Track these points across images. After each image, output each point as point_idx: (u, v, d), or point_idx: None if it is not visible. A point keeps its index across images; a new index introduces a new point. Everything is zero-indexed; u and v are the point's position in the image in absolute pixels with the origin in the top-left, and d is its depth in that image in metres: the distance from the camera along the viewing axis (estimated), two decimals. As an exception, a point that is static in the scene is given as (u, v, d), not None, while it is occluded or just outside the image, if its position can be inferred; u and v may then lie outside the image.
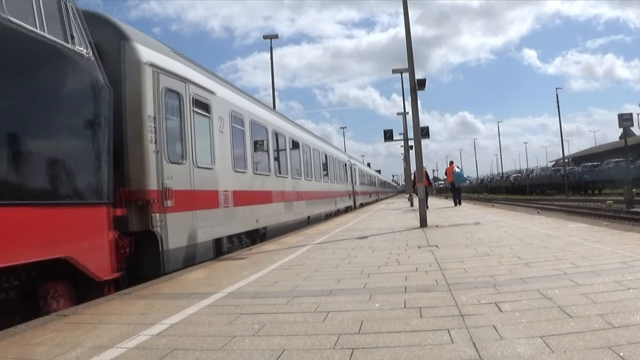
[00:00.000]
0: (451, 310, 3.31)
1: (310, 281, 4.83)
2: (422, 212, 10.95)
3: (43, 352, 2.91)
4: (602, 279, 3.90)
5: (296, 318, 3.41)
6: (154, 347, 2.89)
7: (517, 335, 2.66)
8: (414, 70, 11.18)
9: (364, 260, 6.08)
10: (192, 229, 6.85)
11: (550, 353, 2.36)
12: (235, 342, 2.92)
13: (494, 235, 7.89)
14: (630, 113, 32.00)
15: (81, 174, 4.71)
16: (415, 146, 11.86)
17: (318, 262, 6.12)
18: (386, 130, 23.48)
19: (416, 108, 11.31)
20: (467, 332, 2.80)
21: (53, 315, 3.97)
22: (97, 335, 3.21)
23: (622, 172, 33.23)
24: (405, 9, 11.11)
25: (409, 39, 11.02)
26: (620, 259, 4.73)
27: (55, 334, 3.32)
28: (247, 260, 6.80)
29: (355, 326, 3.08)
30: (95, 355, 2.79)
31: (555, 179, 50.45)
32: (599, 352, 2.31)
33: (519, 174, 69.12)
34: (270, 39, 23.96)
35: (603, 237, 6.56)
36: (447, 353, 2.49)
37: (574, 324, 2.79)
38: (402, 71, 24.22)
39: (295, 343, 2.83)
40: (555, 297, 3.41)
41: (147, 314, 3.79)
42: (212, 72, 9.03)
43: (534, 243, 6.50)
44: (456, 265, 5.13)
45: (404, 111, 27.07)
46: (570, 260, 4.92)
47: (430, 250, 6.50)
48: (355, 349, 2.65)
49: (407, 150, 27.42)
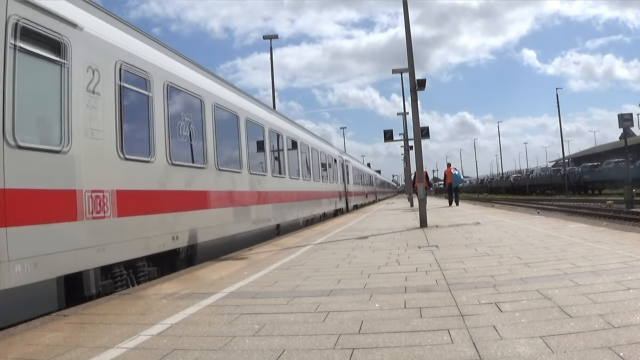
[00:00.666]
0: (451, 311, 3.31)
1: (311, 281, 4.83)
2: (422, 212, 10.95)
3: (43, 352, 2.91)
4: (602, 279, 3.90)
5: (296, 318, 3.41)
6: (154, 347, 2.89)
7: (517, 336, 2.66)
8: (414, 71, 11.19)
9: (364, 260, 6.07)
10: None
11: (550, 353, 2.36)
12: (235, 342, 2.92)
13: (494, 236, 7.89)
14: (630, 113, 31.97)
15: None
16: (415, 146, 11.85)
17: (318, 262, 6.12)
18: (386, 131, 23.46)
19: (416, 108, 11.32)
20: (467, 332, 2.80)
21: (53, 315, 3.97)
22: (97, 335, 3.21)
23: (622, 172, 33.21)
24: (405, 9, 11.11)
25: (409, 39, 11.02)
26: (620, 259, 4.73)
27: (55, 334, 3.32)
28: (247, 260, 6.80)
29: (355, 326, 3.08)
30: (95, 355, 2.79)
31: (555, 179, 50.44)
32: (599, 352, 2.31)
33: (519, 174, 69.12)
34: (270, 39, 23.97)
35: (603, 237, 6.56)
36: (447, 353, 2.49)
37: (574, 324, 2.79)
38: (402, 71, 24.22)
39: (295, 343, 2.83)
40: (555, 297, 3.41)
41: (147, 314, 3.79)
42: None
43: (534, 243, 6.50)
44: (456, 266, 5.13)
45: (404, 111, 27.07)
46: (570, 260, 4.92)
47: (430, 251, 6.50)
48: (355, 349, 2.65)
49: (407, 151, 27.44)
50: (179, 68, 7.36)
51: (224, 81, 9.73)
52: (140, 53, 6.24)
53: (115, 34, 5.78)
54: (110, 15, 5.88)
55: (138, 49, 6.23)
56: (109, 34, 5.64)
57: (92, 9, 5.48)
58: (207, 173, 7.77)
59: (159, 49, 6.97)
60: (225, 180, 8.52)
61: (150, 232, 5.99)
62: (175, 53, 7.56)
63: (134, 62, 5.99)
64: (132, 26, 6.42)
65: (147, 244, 5.92)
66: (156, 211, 6.17)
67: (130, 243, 5.58)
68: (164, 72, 6.72)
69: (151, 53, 6.60)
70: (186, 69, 7.65)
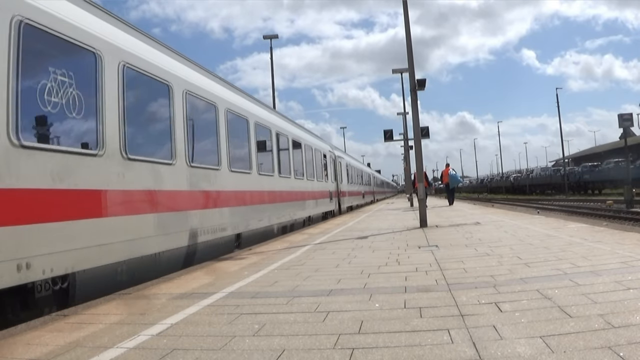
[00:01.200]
0: (451, 310, 3.31)
1: (311, 281, 4.83)
2: (422, 212, 10.95)
3: (43, 352, 2.91)
4: (602, 279, 3.90)
5: (296, 318, 3.41)
6: (154, 347, 2.89)
7: (517, 335, 2.66)
8: (414, 70, 11.20)
9: (364, 260, 6.07)
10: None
11: (550, 353, 2.36)
12: (235, 342, 2.92)
13: (494, 235, 7.89)
14: (630, 113, 31.96)
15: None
16: (415, 146, 11.85)
17: (318, 262, 6.12)
18: (386, 130, 23.45)
19: (416, 108, 11.31)
20: (467, 332, 2.80)
21: (53, 315, 3.97)
22: (97, 335, 3.21)
23: (622, 172, 33.22)
24: (405, 9, 11.12)
25: (409, 39, 11.02)
26: (620, 259, 4.73)
27: (55, 334, 3.32)
28: (247, 260, 6.80)
29: (355, 326, 3.08)
30: (95, 355, 2.79)
31: (555, 179, 50.45)
32: (599, 352, 2.31)
33: (519, 174, 69.15)
34: (270, 39, 23.99)
35: (603, 237, 6.56)
36: (447, 353, 2.49)
37: (574, 324, 2.79)
38: (402, 71, 24.24)
39: (295, 343, 2.83)
40: (555, 297, 3.41)
41: (147, 314, 3.79)
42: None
43: (534, 243, 6.50)
44: (456, 265, 5.13)
45: (404, 111, 27.08)
46: (570, 260, 4.92)
47: (430, 251, 6.50)
48: (355, 349, 2.65)
49: (407, 150, 27.42)
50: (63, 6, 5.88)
51: (169, 49, 7.72)
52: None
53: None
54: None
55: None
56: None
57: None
58: (101, 163, 5.34)
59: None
60: (144, 175, 6.11)
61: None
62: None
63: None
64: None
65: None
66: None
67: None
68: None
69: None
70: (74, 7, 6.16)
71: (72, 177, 4.80)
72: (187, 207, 7.06)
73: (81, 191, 4.94)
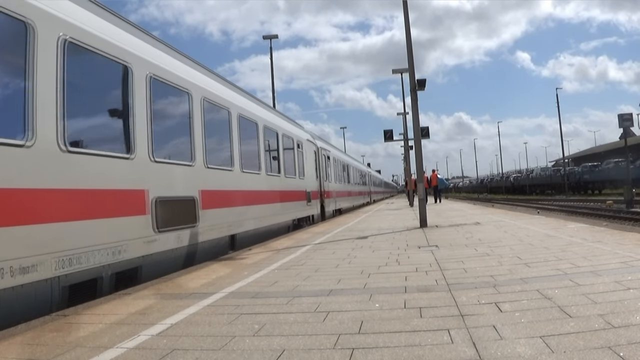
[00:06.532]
0: (451, 311, 3.31)
1: (310, 281, 4.83)
2: (422, 212, 10.95)
3: (43, 352, 2.91)
4: (602, 279, 3.90)
5: (296, 318, 3.41)
6: (154, 347, 2.89)
7: (517, 335, 2.66)
8: (414, 71, 11.20)
9: (364, 260, 6.07)
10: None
11: (550, 353, 2.36)
12: (235, 342, 2.92)
13: (493, 236, 7.89)
14: (630, 113, 31.85)
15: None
16: (416, 146, 11.85)
17: (318, 262, 6.12)
18: (386, 131, 23.43)
19: (416, 108, 11.31)
20: (467, 332, 2.80)
21: (53, 315, 3.97)
22: (97, 335, 3.21)
23: (622, 172, 33.22)
24: (406, 9, 11.12)
25: (409, 39, 11.02)
26: (620, 259, 4.73)
27: (55, 334, 3.32)
28: (247, 260, 6.79)
29: (355, 326, 3.08)
30: (95, 355, 2.79)
31: (555, 179, 50.44)
32: (599, 352, 2.31)
33: (518, 174, 69.14)
34: (270, 39, 23.99)
35: (603, 237, 6.56)
36: (447, 353, 2.49)
37: (574, 324, 2.79)
38: (402, 71, 24.25)
39: (295, 343, 2.83)
40: (555, 297, 3.41)
41: (147, 314, 3.78)
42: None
43: (534, 243, 6.50)
44: (456, 266, 5.13)
45: (404, 111, 27.06)
46: (570, 260, 4.92)
47: (430, 251, 6.50)
48: (355, 349, 2.65)
49: (407, 151, 27.45)
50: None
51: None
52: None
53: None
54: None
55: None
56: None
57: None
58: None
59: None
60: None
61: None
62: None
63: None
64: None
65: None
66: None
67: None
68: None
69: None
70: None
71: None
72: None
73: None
